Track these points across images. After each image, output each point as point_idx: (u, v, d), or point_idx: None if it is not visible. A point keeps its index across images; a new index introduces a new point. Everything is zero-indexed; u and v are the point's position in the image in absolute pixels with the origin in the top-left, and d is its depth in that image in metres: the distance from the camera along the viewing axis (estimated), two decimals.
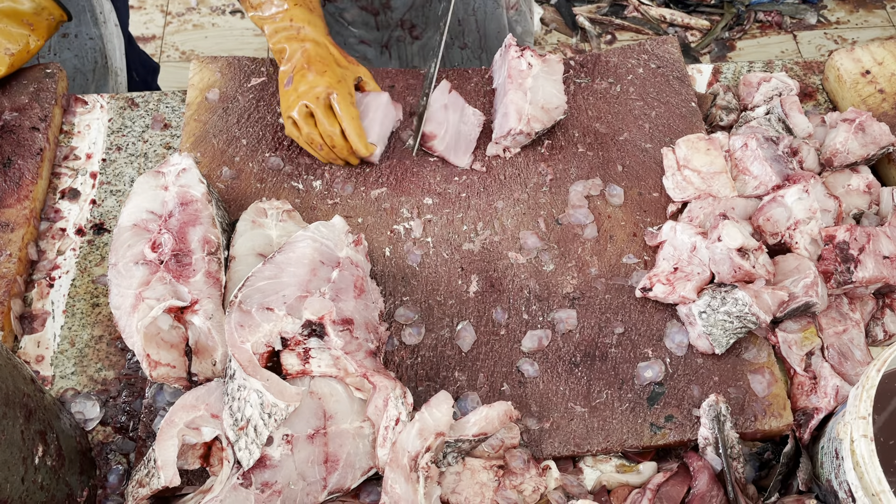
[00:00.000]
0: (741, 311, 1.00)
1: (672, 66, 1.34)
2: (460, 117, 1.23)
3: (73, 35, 1.49)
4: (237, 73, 1.31)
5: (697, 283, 1.05)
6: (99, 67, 1.55)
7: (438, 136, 1.21)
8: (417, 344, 1.06)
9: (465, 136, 1.23)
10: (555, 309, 1.08)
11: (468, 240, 1.15)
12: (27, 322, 1.09)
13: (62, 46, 1.49)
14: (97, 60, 1.54)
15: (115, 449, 1.00)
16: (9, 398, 0.79)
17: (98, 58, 1.54)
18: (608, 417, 1.00)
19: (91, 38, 1.51)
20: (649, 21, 3.05)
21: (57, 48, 1.48)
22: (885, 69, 1.30)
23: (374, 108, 1.21)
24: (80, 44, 1.50)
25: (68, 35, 1.48)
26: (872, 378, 0.85)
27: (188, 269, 1.01)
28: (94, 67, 1.55)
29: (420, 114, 1.23)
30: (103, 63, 1.56)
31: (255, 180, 1.20)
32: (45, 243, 1.17)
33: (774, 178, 1.13)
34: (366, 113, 1.21)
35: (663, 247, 1.11)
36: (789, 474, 0.98)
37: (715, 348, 1.02)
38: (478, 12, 1.54)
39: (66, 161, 1.26)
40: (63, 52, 1.49)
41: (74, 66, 1.51)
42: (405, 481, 0.87)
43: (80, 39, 1.50)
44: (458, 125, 1.23)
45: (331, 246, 1.04)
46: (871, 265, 1.05)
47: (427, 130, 1.21)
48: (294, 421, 0.91)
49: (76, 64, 1.51)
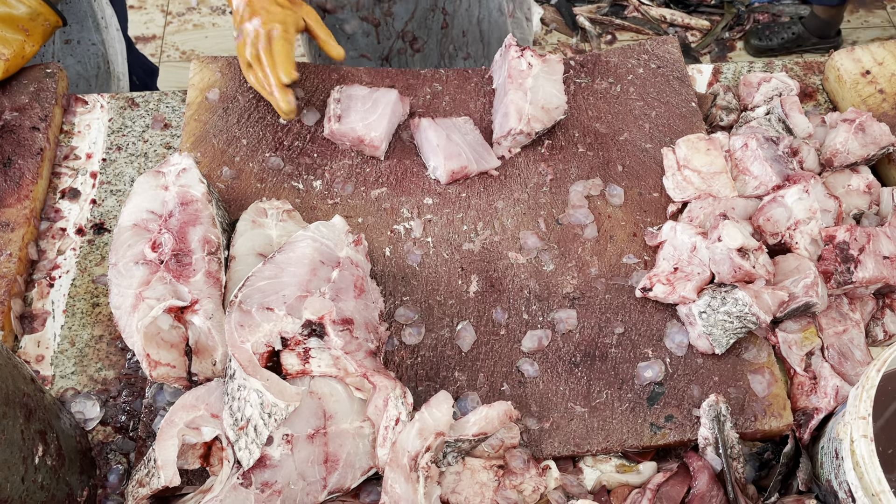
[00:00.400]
0: (741, 311, 1.00)
1: (672, 67, 1.34)
2: (461, 135, 1.22)
3: (76, 41, 1.49)
4: (237, 72, 1.31)
5: (697, 283, 1.05)
6: (102, 73, 1.56)
7: (467, 166, 1.20)
8: (417, 344, 1.06)
9: (476, 143, 1.22)
10: (555, 309, 1.08)
11: (468, 240, 1.15)
12: (27, 322, 1.09)
13: (65, 53, 1.49)
14: (100, 66, 1.55)
15: (116, 449, 1.00)
16: (9, 398, 0.79)
17: (101, 63, 1.54)
18: (608, 417, 1.00)
19: (93, 44, 1.51)
20: (649, 21, 3.05)
21: (60, 55, 1.49)
22: (886, 69, 1.30)
23: (384, 104, 1.22)
24: (82, 50, 1.50)
25: (71, 41, 1.48)
26: (872, 378, 0.85)
27: (188, 268, 1.01)
28: (97, 73, 1.55)
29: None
30: (106, 68, 1.56)
31: (255, 180, 1.20)
32: (45, 243, 1.17)
33: (775, 178, 1.13)
34: (375, 108, 1.21)
35: (663, 247, 1.11)
36: (789, 474, 0.98)
37: (715, 348, 1.02)
38: (482, 22, 1.54)
39: (67, 161, 1.26)
40: (66, 59, 1.50)
41: (77, 72, 1.52)
42: (405, 481, 0.87)
43: (82, 45, 1.50)
44: (468, 141, 1.22)
45: (331, 246, 1.04)
46: (871, 265, 1.05)
47: (456, 168, 1.19)
48: (294, 421, 0.91)
49: (79, 70, 1.52)
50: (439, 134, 1.20)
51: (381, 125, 1.20)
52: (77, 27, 1.48)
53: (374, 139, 1.20)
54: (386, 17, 1.49)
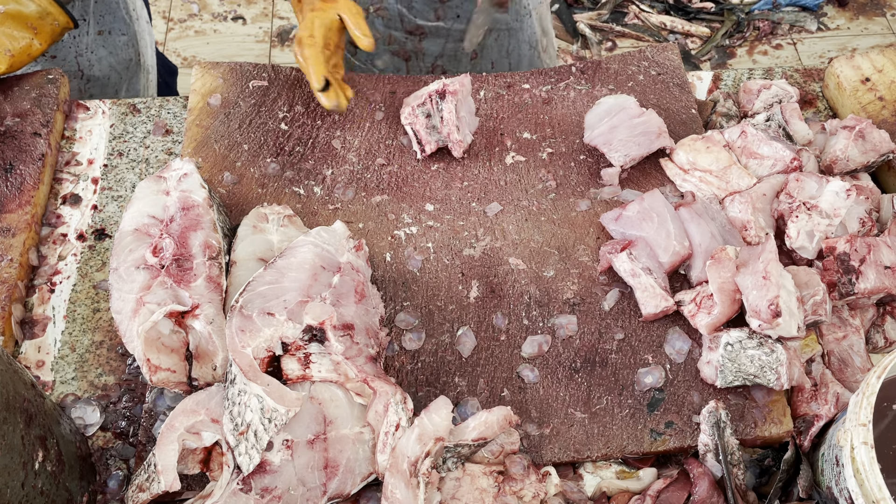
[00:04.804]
0: (769, 362, 0.97)
1: (672, 73, 1.35)
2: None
3: (108, 32, 1.50)
4: (239, 78, 1.32)
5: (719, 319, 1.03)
6: (133, 65, 1.57)
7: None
8: (418, 349, 1.06)
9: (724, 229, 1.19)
10: (555, 314, 1.08)
11: (469, 245, 1.15)
12: (28, 327, 1.09)
13: (97, 44, 1.50)
14: (131, 58, 1.56)
15: (116, 454, 1.00)
16: (9, 403, 0.79)
17: (132, 55, 1.56)
18: (608, 423, 1.00)
19: (124, 35, 1.53)
20: (650, 28, 3.06)
21: (93, 46, 1.49)
22: (885, 76, 1.30)
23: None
24: (114, 41, 1.51)
25: (103, 33, 1.49)
26: (873, 385, 0.85)
27: (189, 273, 1.01)
28: (128, 65, 1.56)
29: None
30: (137, 60, 1.57)
31: (256, 185, 1.21)
32: (46, 248, 1.17)
33: (788, 152, 1.14)
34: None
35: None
36: (790, 481, 0.97)
37: (717, 380, 1.00)
38: (511, 55, 1.55)
39: (68, 166, 1.26)
40: (98, 50, 1.50)
41: (109, 63, 1.53)
42: (405, 487, 0.87)
43: (114, 36, 1.51)
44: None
45: (332, 251, 1.04)
46: (873, 276, 1.05)
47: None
48: (294, 426, 0.91)
49: (111, 62, 1.53)
50: (703, 231, 1.09)
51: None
52: (110, 18, 1.49)
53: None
54: (417, 51, 1.50)
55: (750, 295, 1.00)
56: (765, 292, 0.98)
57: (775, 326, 0.97)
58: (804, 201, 1.10)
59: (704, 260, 1.06)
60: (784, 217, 1.11)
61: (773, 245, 1.02)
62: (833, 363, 1.05)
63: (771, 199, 1.14)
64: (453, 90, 1.20)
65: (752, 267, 1.01)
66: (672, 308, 1.05)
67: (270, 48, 2.94)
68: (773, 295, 0.97)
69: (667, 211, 1.10)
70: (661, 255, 1.08)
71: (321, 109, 1.29)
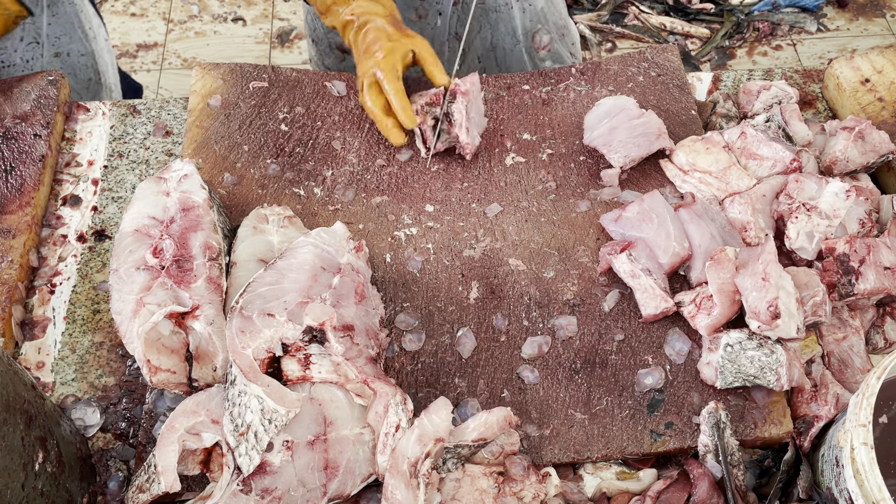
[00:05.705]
0: (769, 363, 0.97)
1: (672, 74, 1.35)
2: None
3: (66, 53, 1.47)
4: (239, 79, 1.32)
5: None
6: (93, 84, 1.53)
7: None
8: (418, 350, 1.06)
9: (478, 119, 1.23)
10: (555, 315, 1.09)
11: (469, 246, 1.15)
12: (28, 328, 1.09)
13: (54, 66, 1.46)
14: (90, 77, 1.52)
15: (116, 455, 1.00)
16: (9, 404, 0.79)
17: (91, 74, 1.52)
18: (608, 424, 1.00)
19: (83, 55, 1.49)
20: (649, 29, 3.06)
21: (49, 68, 1.46)
22: (885, 77, 1.30)
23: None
24: (72, 61, 1.48)
25: (60, 55, 1.46)
26: (872, 386, 0.85)
27: (189, 274, 1.01)
28: (88, 85, 1.52)
29: (439, 130, 1.22)
30: (97, 80, 1.54)
31: (256, 186, 1.21)
32: (46, 250, 1.17)
33: (788, 153, 1.14)
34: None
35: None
36: (790, 482, 0.97)
37: (717, 381, 1.00)
38: (496, 49, 1.55)
39: (68, 168, 1.26)
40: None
41: (69, 84, 1.50)
42: (405, 487, 0.87)
43: (72, 57, 1.48)
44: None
45: (332, 252, 1.05)
46: (873, 277, 1.05)
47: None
48: (294, 427, 0.91)
49: (71, 82, 1.49)
50: (703, 232, 1.09)
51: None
52: (66, 39, 1.46)
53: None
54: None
55: (749, 296, 1.00)
56: (764, 293, 0.98)
57: (774, 328, 0.97)
58: (804, 202, 1.10)
59: (704, 261, 1.06)
60: (784, 218, 1.12)
61: (772, 246, 1.02)
62: (833, 364, 1.05)
63: (770, 200, 1.14)
64: (464, 90, 1.19)
65: (752, 268, 1.02)
66: (672, 309, 1.05)
67: (270, 49, 2.94)
68: (773, 296, 0.97)
69: (666, 212, 1.10)
70: (661, 256, 1.08)
71: (321, 110, 1.29)
